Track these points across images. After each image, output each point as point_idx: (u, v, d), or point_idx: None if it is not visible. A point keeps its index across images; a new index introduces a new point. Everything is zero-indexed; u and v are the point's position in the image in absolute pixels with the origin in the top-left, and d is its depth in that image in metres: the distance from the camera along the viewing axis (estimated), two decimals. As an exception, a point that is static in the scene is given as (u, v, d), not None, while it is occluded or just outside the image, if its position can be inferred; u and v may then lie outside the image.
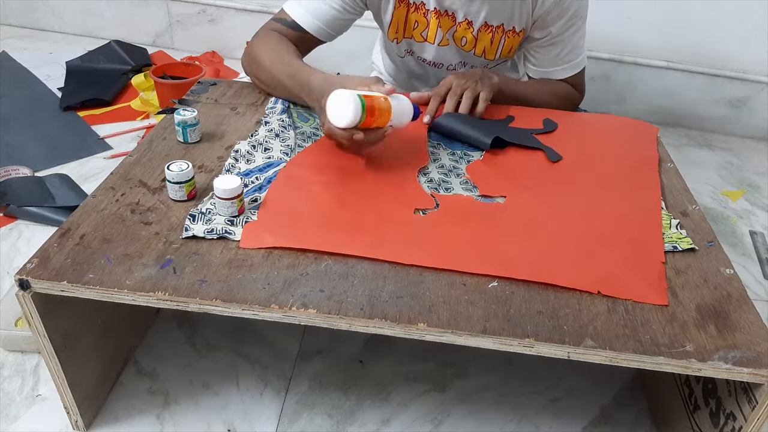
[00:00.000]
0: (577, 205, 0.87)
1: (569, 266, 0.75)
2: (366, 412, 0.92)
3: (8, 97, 1.70)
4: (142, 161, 0.89)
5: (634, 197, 0.89)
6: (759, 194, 1.65)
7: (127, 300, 0.68)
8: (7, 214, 1.25)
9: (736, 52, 1.86)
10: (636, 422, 0.94)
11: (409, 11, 1.08)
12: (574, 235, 0.80)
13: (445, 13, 1.07)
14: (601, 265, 0.76)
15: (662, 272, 0.76)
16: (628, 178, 0.95)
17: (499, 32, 1.09)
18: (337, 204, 0.82)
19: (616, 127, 1.12)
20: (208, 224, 0.76)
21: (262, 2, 2.00)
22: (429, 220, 0.81)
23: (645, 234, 0.82)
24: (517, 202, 0.86)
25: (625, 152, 1.02)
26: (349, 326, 0.67)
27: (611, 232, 0.81)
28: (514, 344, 0.66)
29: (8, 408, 0.88)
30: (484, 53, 1.12)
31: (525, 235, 0.79)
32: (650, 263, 0.77)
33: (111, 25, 2.15)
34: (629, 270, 0.75)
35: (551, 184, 0.91)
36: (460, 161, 0.95)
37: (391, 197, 0.84)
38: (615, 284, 0.73)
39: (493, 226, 0.81)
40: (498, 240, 0.78)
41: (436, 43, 1.11)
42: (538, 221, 0.82)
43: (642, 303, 0.72)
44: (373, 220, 0.79)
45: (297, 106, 1.06)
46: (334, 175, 0.88)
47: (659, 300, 0.72)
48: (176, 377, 0.94)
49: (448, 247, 0.76)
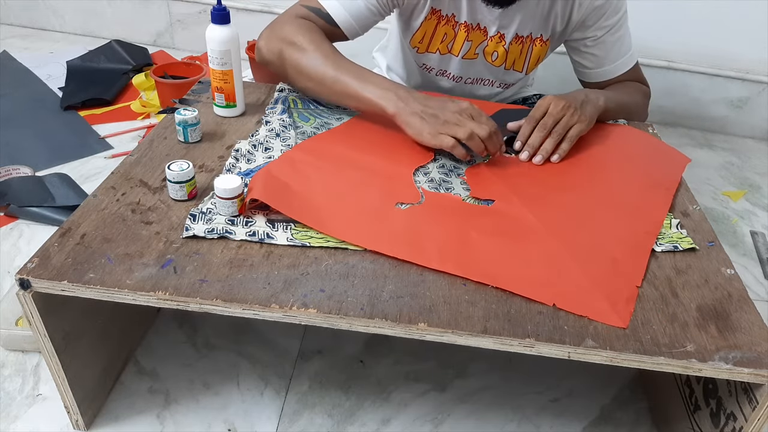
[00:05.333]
0: (571, 216, 0.84)
1: (531, 275, 0.73)
2: (366, 412, 0.92)
3: (9, 97, 1.70)
4: (142, 161, 0.89)
5: (635, 218, 0.86)
6: (760, 194, 1.65)
7: (127, 300, 0.68)
8: (8, 213, 1.25)
9: (737, 52, 1.86)
10: (636, 422, 0.94)
11: (440, 24, 1.07)
12: (552, 245, 0.78)
13: (476, 27, 1.06)
14: (567, 279, 0.73)
15: (633, 296, 0.72)
16: (635, 198, 0.90)
17: (528, 42, 1.08)
18: (323, 188, 0.83)
19: (646, 146, 1.07)
20: (208, 224, 0.76)
21: (263, 2, 2.00)
22: (406, 213, 0.81)
23: (629, 255, 0.78)
24: (504, 206, 0.85)
25: (643, 173, 0.98)
26: (349, 326, 0.67)
27: (594, 248, 0.79)
28: (515, 344, 0.66)
29: (9, 407, 0.88)
30: (513, 65, 1.11)
31: (498, 239, 0.78)
32: (623, 285, 0.73)
33: (112, 25, 2.15)
34: (596, 288, 0.72)
35: (552, 192, 0.89)
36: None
37: (378, 189, 0.85)
38: (575, 300, 0.70)
39: (468, 226, 0.80)
40: (467, 240, 0.77)
41: (460, 56, 1.10)
42: (518, 227, 0.81)
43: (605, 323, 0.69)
44: (351, 207, 0.81)
45: (297, 106, 1.06)
46: (332, 163, 0.89)
47: (618, 323, 0.68)
48: (177, 377, 0.94)
49: (413, 240, 0.76)
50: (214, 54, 0.95)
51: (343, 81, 0.95)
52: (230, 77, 0.97)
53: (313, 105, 1.07)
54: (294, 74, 1.01)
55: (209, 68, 0.98)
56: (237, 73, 0.98)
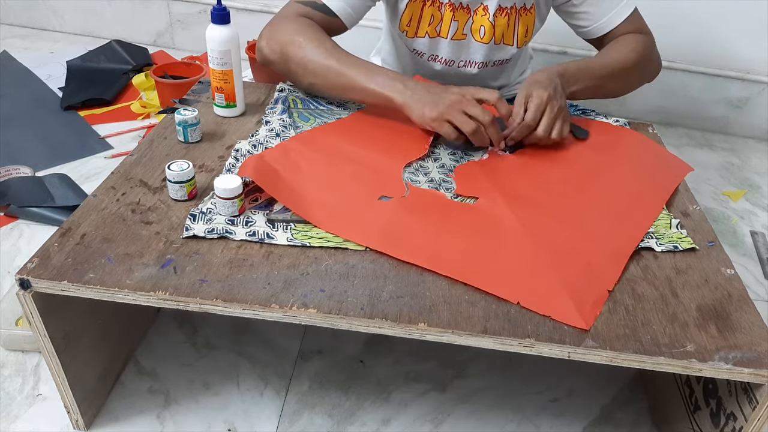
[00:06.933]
0: (554, 218, 0.83)
1: (500, 272, 0.73)
2: (366, 412, 0.92)
3: (9, 97, 1.70)
4: (142, 161, 0.89)
5: (620, 224, 0.84)
6: (760, 194, 1.65)
7: (127, 300, 0.68)
8: (8, 213, 1.25)
9: (737, 52, 1.85)
10: (636, 422, 0.94)
11: (425, 5, 1.07)
12: (527, 245, 0.77)
13: (459, 6, 1.06)
14: (536, 279, 0.73)
15: (601, 299, 0.72)
16: (624, 205, 0.88)
17: (513, 13, 1.08)
18: (310, 178, 0.85)
19: (646, 154, 1.04)
20: (208, 224, 0.76)
21: (263, 2, 2.00)
22: (386, 206, 0.82)
23: (605, 261, 0.77)
24: (486, 204, 0.85)
25: (637, 180, 0.95)
26: (349, 326, 0.67)
27: (571, 251, 0.78)
28: (515, 344, 0.66)
29: (9, 407, 0.88)
30: (503, 39, 1.11)
31: (473, 235, 0.78)
32: (593, 288, 0.73)
33: (112, 25, 2.15)
34: (564, 289, 0.71)
35: (539, 194, 0.88)
36: (461, 161, 0.95)
37: (364, 182, 0.86)
38: (540, 299, 0.70)
39: (445, 221, 0.81)
40: (441, 235, 0.78)
41: (449, 37, 1.10)
42: (497, 225, 0.81)
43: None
44: (333, 198, 0.82)
45: (297, 106, 1.06)
46: (325, 154, 0.91)
47: (581, 324, 0.68)
48: (176, 377, 0.94)
49: (389, 232, 0.77)
50: (214, 54, 0.95)
51: (348, 74, 0.96)
52: (230, 77, 0.97)
53: (313, 105, 1.07)
54: (298, 72, 1.01)
55: (209, 68, 0.98)
56: (237, 73, 0.98)
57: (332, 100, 1.09)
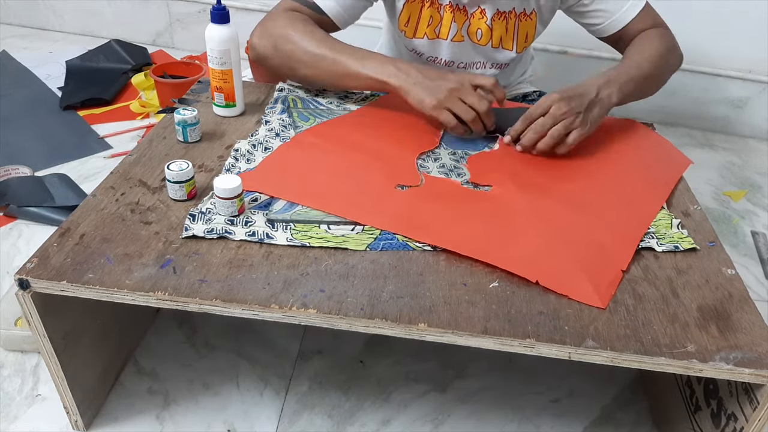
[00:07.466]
0: (566, 204, 0.86)
1: (518, 253, 0.75)
2: (366, 413, 0.92)
3: (8, 97, 1.70)
4: (141, 161, 0.89)
5: (629, 209, 0.87)
6: (761, 194, 1.65)
7: (126, 300, 0.68)
8: (7, 213, 1.25)
9: (738, 52, 1.85)
10: (637, 423, 0.94)
11: (424, 6, 1.07)
12: (543, 227, 0.80)
13: (457, 7, 1.06)
14: (552, 260, 0.75)
15: (616, 280, 0.74)
16: (632, 191, 0.91)
17: (513, 17, 1.07)
18: (326, 169, 0.87)
19: (649, 143, 1.06)
20: (208, 224, 0.76)
21: (263, 2, 2.00)
22: (405, 194, 0.84)
23: (618, 243, 0.80)
24: (500, 192, 0.87)
25: (643, 168, 0.98)
26: (349, 326, 0.67)
27: (585, 234, 0.80)
28: (515, 345, 0.66)
29: (8, 408, 0.88)
30: (501, 43, 1.10)
31: (488, 220, 0.81)
32: (608, 269, 0.75)
33: (111, 25, 2.15)
34: (581, 269, 0.74)
35: (550, 182, 0.91)
36: (461, 161, 0.95)
37: (381, 171, 0.88)
38: (558, 278, 0.72)
39: (462, 207, 0.83)
40: (459, 218, 0.80)
41: (449, 39, 1.10)
42: (511, 210, 0.83)
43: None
44: (351, 187, 0.84)
45: (297, 105, 1.06)
46: (338, 145, 0.93)
47: (598, 303, 0.70)
48: (176, 377, 0.94)
49: (409, 217, 0.79)
50: (213, 53, 0.95)
51: (341, 61, 0.96)
52: (230, 77, 0.97)
53: (312, 105, 1.07)
54: (291, 65, 1.00)
55: (209, 68, 0.98)
56: (236, 72, 0.98)
57: (331, 99, 1.09)
